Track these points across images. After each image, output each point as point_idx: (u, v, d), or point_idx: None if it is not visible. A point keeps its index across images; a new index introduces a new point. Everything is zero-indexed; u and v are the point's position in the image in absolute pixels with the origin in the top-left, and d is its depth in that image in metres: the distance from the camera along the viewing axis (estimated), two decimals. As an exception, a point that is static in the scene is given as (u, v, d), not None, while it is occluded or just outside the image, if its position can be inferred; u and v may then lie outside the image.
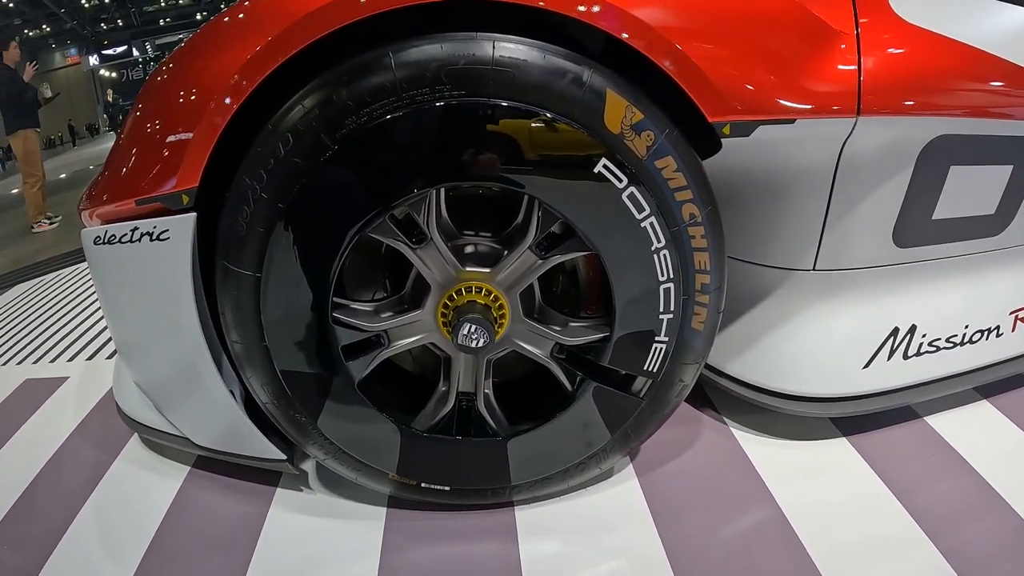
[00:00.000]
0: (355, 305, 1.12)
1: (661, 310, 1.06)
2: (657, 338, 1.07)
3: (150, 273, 1.12)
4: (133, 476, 1.51)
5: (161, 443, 1.47)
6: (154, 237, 1.09)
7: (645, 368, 1.10)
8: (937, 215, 1.31)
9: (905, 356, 1.35)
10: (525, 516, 1.24)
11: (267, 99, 0.99)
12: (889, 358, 1.33)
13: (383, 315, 1.12)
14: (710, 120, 1.02)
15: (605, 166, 0.97)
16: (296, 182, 0.96)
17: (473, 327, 1.04)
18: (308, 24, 0.95)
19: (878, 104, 1.13)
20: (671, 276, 1.04)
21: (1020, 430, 1.52)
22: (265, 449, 1.26)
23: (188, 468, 1.49)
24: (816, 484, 1.30)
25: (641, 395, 1.12)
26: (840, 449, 1.38)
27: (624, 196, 0.99)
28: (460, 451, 1.17)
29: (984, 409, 1.55)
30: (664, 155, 0.99)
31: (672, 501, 1.25)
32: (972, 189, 1.34)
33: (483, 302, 1.07)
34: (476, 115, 0.94)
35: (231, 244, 1.02)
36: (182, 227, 1.06)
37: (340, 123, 0.94)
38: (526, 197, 1.03)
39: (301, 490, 1.38)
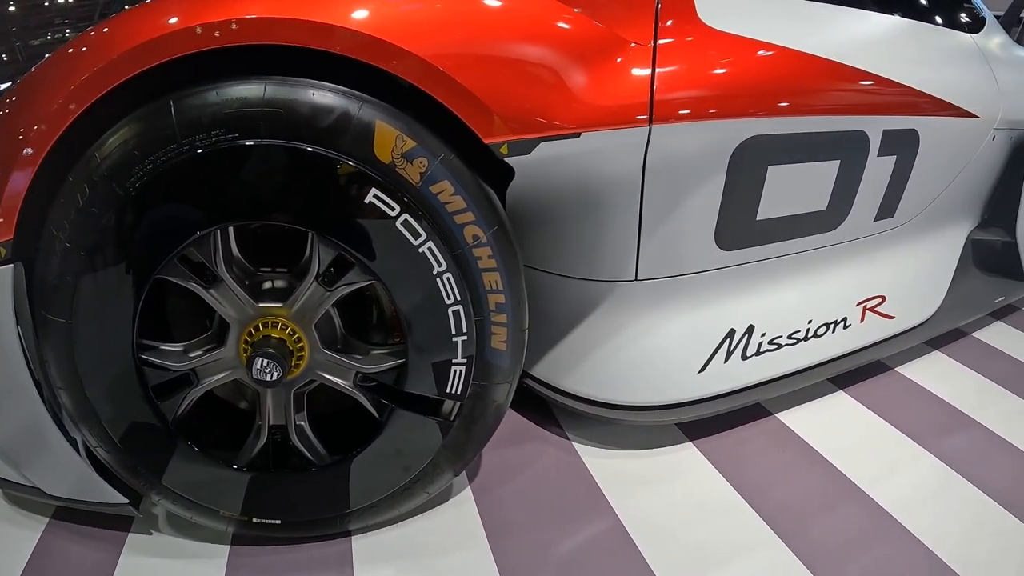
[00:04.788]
0: (164, 346, 1.12)
1: (453, 333, 1.06)
2: (454, 361, 1.07)
3: None
4: (-5, 530, 1.49)
5: (18, 495, 1.46)
6: None
7: (449, 391, 1.09)
8: (762, 215, 1.32)
9: (744, 356, 1.35)
10: (362, 544, 1.23)
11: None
12: (727, 360, 1.34)
13: (192, 354, 1.12)
14: (486, 141, 1.03)
15: (376, 196, 0.98)
16: (94, 231, 0.98)
17: (265, 361, 1.04)
18: (102, 75, 0.95)
19: (674, 112, 1.14)
20: (458, 298, 1.04)
21: (878, 417, 1.53)
22: (107, 494, 1.25)
23: (47, 519, 1.47)
24: (658, 492, 1.30)
25: (452, 418, 1.12)
26: (685, 455, 1.38)
27: (399, 224, 1.00)
28: (279, 484, 1.16)
29: (840, 400, 1.56)
30: (439, 180, 1.00)
31: (508, 520, 1.24)
32: (797, 187, 1.35)
33: (278, 336, 1.07)
34: (247, 157, 0.95)
35: (45, 293, 1.02)
36: (1, 279, 1.06)
37: (129, 172, 0.96)
38: (309, 232, 1.04)
39: (151, 533, 1.36)
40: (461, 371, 1.08)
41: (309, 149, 0.96)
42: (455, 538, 1.22)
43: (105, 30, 0.99)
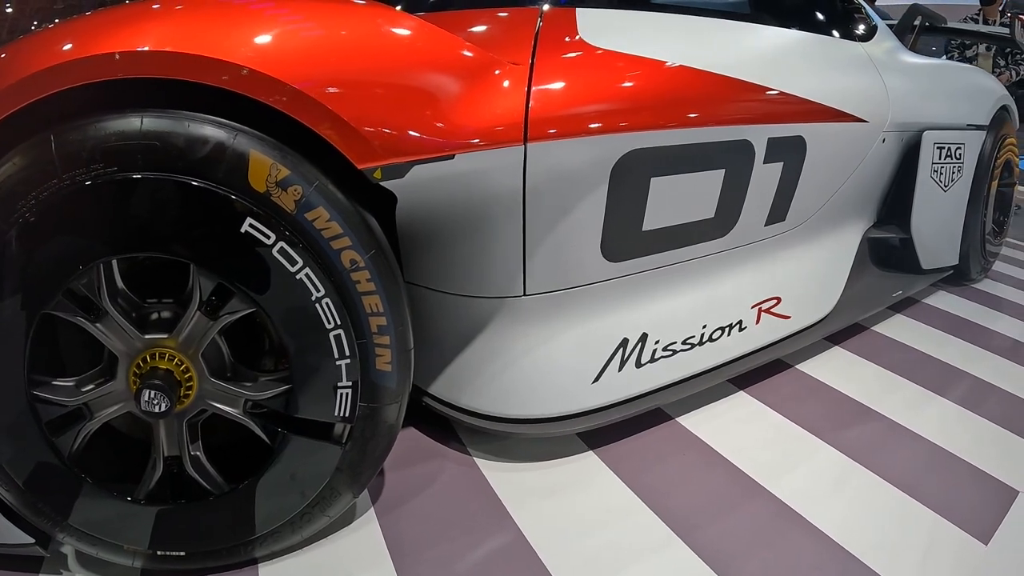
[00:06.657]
0: (56, 381, 1.13)
1: (336, 356, 1.08)
2: (340, 384, 1.10)
3: None
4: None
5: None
6: None
7: (337, 414, 1.12)
8: (648, 226, 1.37)
9: (639, 364, 1.39)
10: (268, 571, 1.24)
11: None
12: (621, 369, 1.38)
13: (84, 388, 1.13)
14: (359, 167, 1.06)
15: (251, 225, 1.01)
16: None
17: (153, 393, 1.05)
18: None
19: (548, 130, 1.18)
20: (339, 323, 1.06)
21: (779, 415, 1.58)
22: (13, 535, 1.24)
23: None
24: (559, 502, 1.33)
25: (344, 441, 1.14)
26: (586, 463, 1.41)
27: (275, 251, 1.02)
28: (180, 516, 1.17)
29: (741, 400, 1.61)
30: (314, 207, 1.03)
31: (411, 539, 1.26)
32: (682, 197, 1.40)
33: (165, 367, 1.09)
34: (127, 190, 0.98)
35: None
36: None
37: (13, 207, 0.97)
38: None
39: (61, 573, 1.35)
40: (348, 394, 1.11)
41: (185, 180, 0.98)
42: (360, 560, 1.24)
43: (2, 56, 1.01)
